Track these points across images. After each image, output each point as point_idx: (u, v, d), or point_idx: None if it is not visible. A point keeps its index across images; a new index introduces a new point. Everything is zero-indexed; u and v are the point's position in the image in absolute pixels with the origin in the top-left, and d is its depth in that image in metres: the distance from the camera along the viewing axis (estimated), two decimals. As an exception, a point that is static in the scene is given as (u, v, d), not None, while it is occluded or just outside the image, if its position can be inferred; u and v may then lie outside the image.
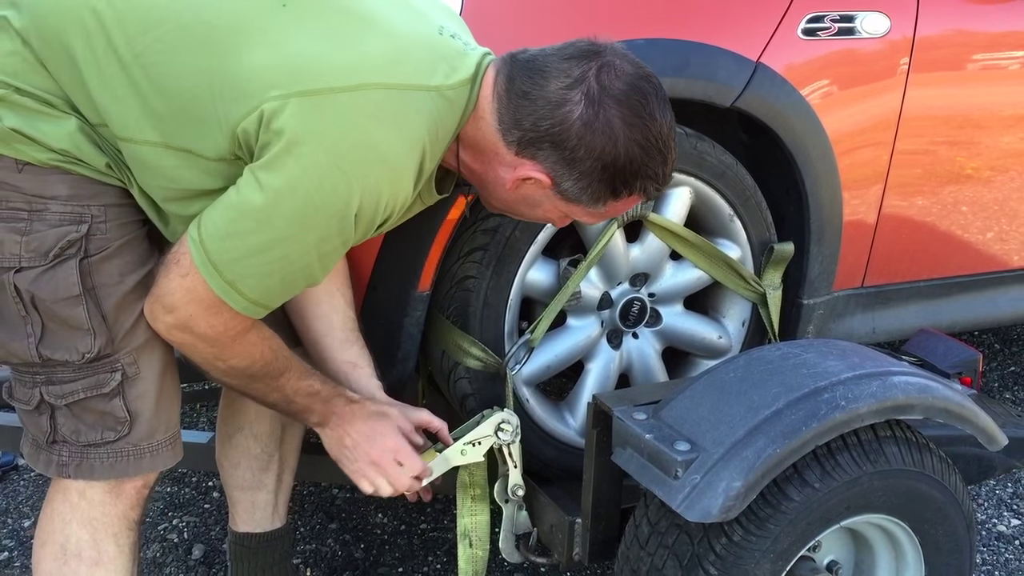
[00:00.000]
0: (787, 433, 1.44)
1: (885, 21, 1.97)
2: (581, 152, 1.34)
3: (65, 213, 1.34)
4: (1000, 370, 3.30)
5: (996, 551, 2.40)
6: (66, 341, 1.38)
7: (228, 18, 1.32)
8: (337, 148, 1.27)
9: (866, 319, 2.23)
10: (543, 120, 1.34)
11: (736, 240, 1.96)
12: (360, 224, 1.33)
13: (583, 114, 1.32)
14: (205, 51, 1.30)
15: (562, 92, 1.33)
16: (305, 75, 1.28)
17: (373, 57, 1.31)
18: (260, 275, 1.34)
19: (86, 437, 1.44)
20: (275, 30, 1.31)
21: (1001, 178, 2.25)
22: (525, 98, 1.35)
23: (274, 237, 1.31)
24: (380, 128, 1.29)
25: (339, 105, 1.27)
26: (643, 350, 1.96)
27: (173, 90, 1.31)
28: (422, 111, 1.33)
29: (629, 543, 1.60)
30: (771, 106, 1.85)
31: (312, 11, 1.34)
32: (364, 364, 1.70)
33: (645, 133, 1.35)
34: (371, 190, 1.30)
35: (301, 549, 2.34)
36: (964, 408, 1.59)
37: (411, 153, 1.33)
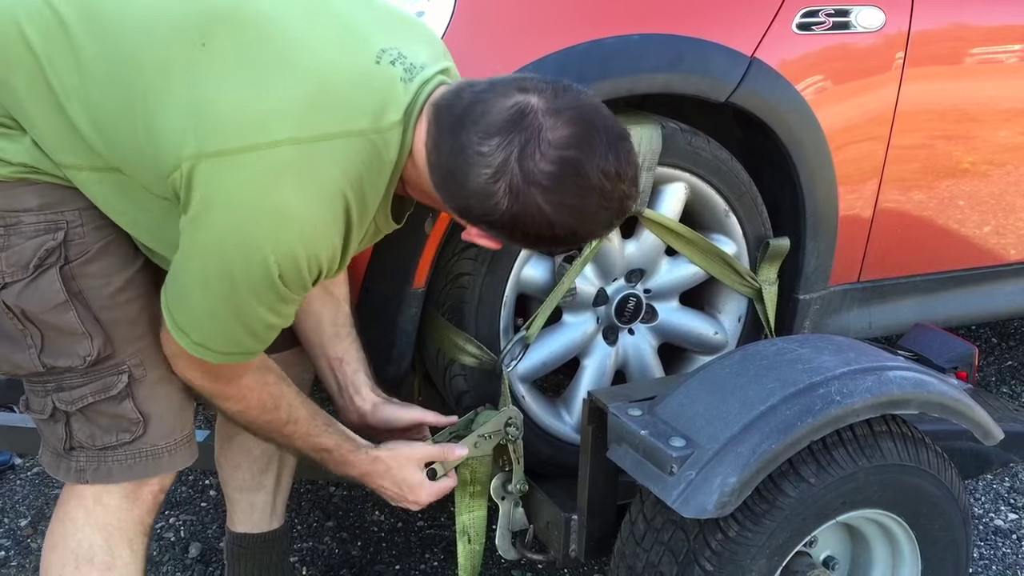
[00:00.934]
0: (782, 429, 1.44)
1: (880, 15, 1.96)
2: (517, 234, 1.30)
3: (40, 223, 1.34)
4: (997, 364, 3.30)
5: (993, 545, 2.40)
6: (66, 348, 1.38)
7: (153, 60, 1.28)
8: (245, 212, 1.24)
9: (862, 314, 2.22)
10: (473, 207, 1.27)
11: (732, 236, 1.95)
12: (291, 284, 1.30)
13: (510, 207, 1.25)
14: (132, 94, 1.28)
15: (486, 185, 1.24)
16: (215, 133, 1.24)
17: (286, 106, 1.25)
18: (222, 332, 1.34)
19: (102, 440, 1.43)
20: (195, 74, 1.26)
21: (998, 172, 2.25)
22: (452, 180, 1.28)
23: (216, 299, 1.31)
24: (288, 188, 1.24)
25: (246, 166, 1.23)
26: (639, 346, 1.96)
27: (113, 137, 1.30)
28: (340, 160, 1.27)
29: (625, 539, 1.60)
30: (766, 101, 1.85)
31: (230, 51, 1.28)
32: (352, 360, 1.70)
33: (581, 205, 1.26)
34: (285, 253, 1.26)
35: (298, 547, 2.34)
36: (959, 403, 1.59)
37: (327, 208, 1.27)
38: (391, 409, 1.71)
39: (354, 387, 1.71)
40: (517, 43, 1.69)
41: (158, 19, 1.31)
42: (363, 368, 1.72)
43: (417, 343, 1.83)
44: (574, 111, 1.25)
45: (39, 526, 2.42)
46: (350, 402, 1.72)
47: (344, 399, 1.72)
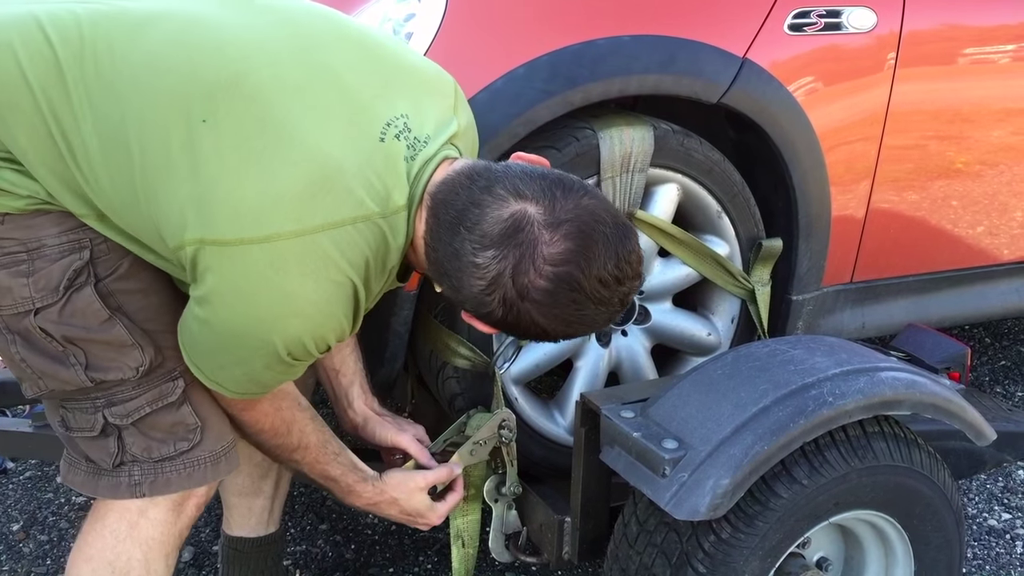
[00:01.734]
0: (775, 430, 1.43)
1: (872, 16, 1.96)
2: (510, 332, 1.34)
3: (63, 244, 1.31)
4: (991, 364, 3.30)
5: (987, 545, 2.40)
6: (115, 361, 1.36)
7: (151, 129, 1.24)
8: (251, 304, 1.25)
9: (855, 314, 2.22)
10: (468, 307, 1.31)
11: (724, 236, 1.95)
12: (299, 358, 1.32)
13: (505, 315, 1.27)
14: (131, 161, 1.25)
15: (479, 295, 1.26)
16: (218, 220, 1.22)
17: (288, 196, 1.22)
18: (233, 380, 1.36)
19: (159, 452, 1.41)
20: (193, 154, 1.23)
21: (991, 172, 2.25)
22: (448, 280, 1.29)
23: (227, 360, 1.33)
24: (293, 280, 1.23)
25: (251, 259, 1.22)
26: (632, 348, 1.96)
27: (108, 189, 1.28)
28: (346, 248, 1.25)
29: (618, 542, 1.60)
30: (758, 102, 1.85)
31: (231, 130, 1.23)
32: (348, 372, 1.71)
33: (577, 316, 1.28)
34: (292, 339, 1.28)
35: (291, 550, 2.33)
36: (952, 403, 1.59)
37: (333, 296, 1.27)
38: (379, 429, 1.72)
39: (347, 399, 1.72)
40: (508, 44, 1.69)
41: (158, 77, 1.26)
42: (358, 380, 1.72)
43: (410, 345, 1.82)
44: (573, 223, 1.23)
45: (31, 530, 2.41)
46: (344, 413, 1.74)
47: (339, 409, 1.74)
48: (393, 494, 1.62)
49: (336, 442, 1.58)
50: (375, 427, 1.72)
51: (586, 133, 1.74)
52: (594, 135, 1.74)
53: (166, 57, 1.27)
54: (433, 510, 1.67)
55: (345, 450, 1.60)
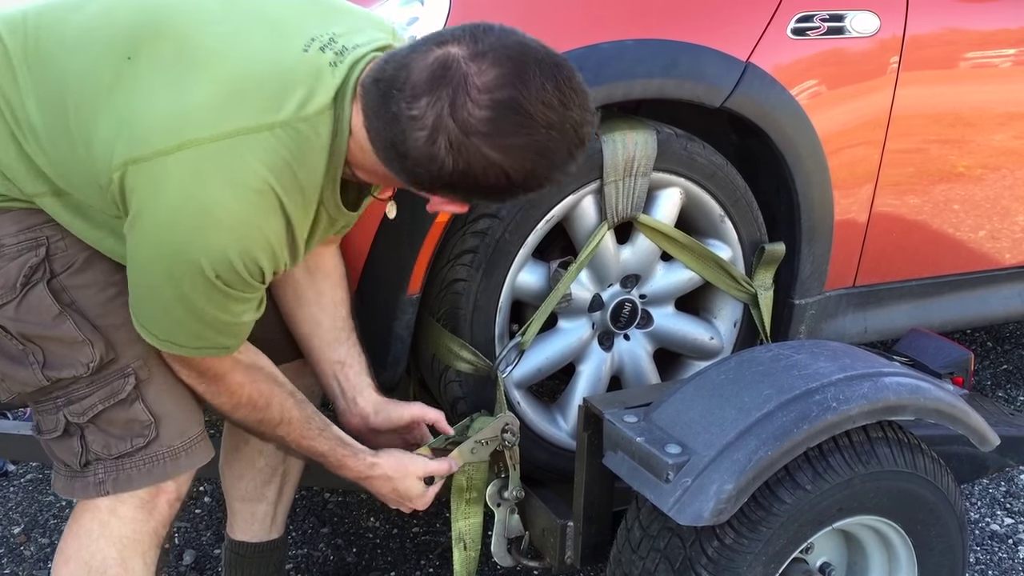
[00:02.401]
0: (778, 435, 1.43)
1: (875, 20, 1.96)
2: (474, 191, 1.26)
3: (20, 243, 1.36)
4: (993, 368, 3.30)
5: (990, 550, 2.40)
6: (67, 358, 1.38)
7: (82, 78, 1.29)
8: (170, 217, 1.24)
9: (858, 319, 2.22)
10: (423, 174, 1.25)
11: (727, 241, 1.95)
12: (232, 284, 1.29)
13: (455, 163, 1.21)
14: (67, 115, 1.29)
15: (426, 148, 1.21)
16: (137, 137, 1.24)
17: (201, 107, 1.24)
18: (183, 330, 1.35)
19: (117, 448, 1.43)
20: (119, 89, 1.27)
21: (992, 176, 2.25)
22: (393, 151, 1.25)
23: (167, 300, 1.31)
24: (210, 188, 1.23)
25: (167, 169, 1.23)
26: (634, 352, 1.95)
27: (57, 151, 1.31)
28: (262, 154, 1.24)
29: (621, 546, 1.59)
30: (761, 106, 1.85)
31: (153, 62, 1.28)
32: (353, 362, 1.69)
33: (529, 144, 1.22)
34: (216, 254, 1.25)
35: (293, 554, 2.33)
36: (955, 408, 1.59)
37: (254, 204, 1.25)
38: (393, 407, 1.70)
39: (356, 390, 1.70)
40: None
41: (88, 37, 1.32)
42: (365, 370, 1.71)
43: (412, 349, 1.82)
44: (499, 51, 1.20)
45: (32, 533, 2.40)
46: (352, 404, 1.71)
47: (346, 402, 1.71)
48: (389, 472, 1.61)
49: (320, 418, 1.57)
50: (390, 410, 1.69)
51: (589, 138, 1.74)
52: (597, 139, 1.73)
53: (96, 19, 1.34)
54: (423, 497, 1.65)
55: (331, 425, 1.58)
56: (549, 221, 1.76)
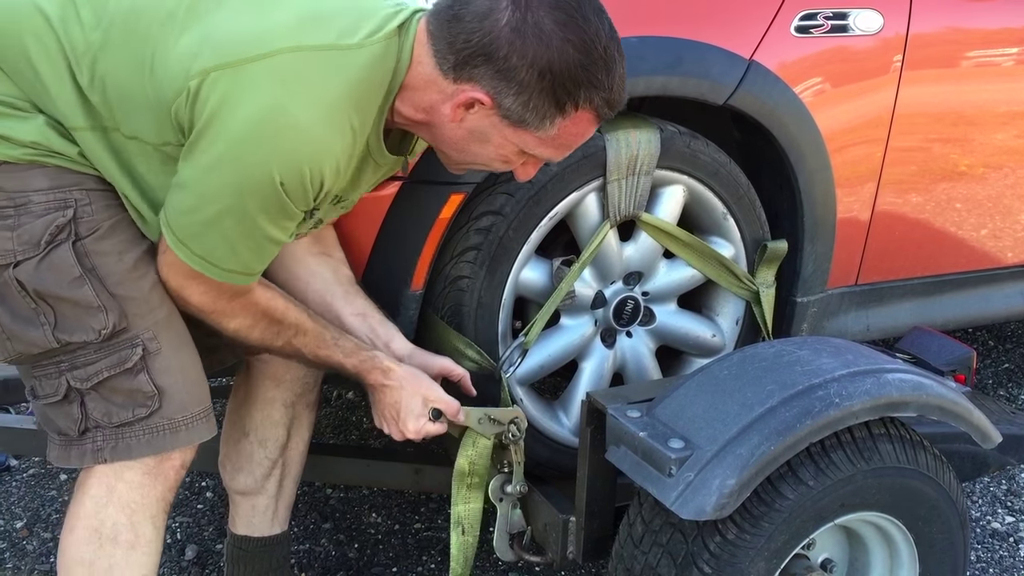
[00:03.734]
0: (781, 430, 1.44)
1: (878, 18, 1.97)
2: (514, 59, 1.29)
3: (49, 202, 1.38)
4: (994, 367, 3.30)
5: (990, 548, 2.40)
6: (80, 322, 1.40)
7: (155, 9, 1.36)
8: (249, 119, 1.28)
9: (860, 317, 2.22)
10: (473, 34, 1.30)
11: (730, 238, 1.95)
12: (293, 195, 1.33)
13: (510, 19, 1.28)
14: (140, 44, 1.35)
15: (488, 2, 1.29)
16: (222, 49, 1.30)
17: (288, 22, 1.32)
18: (225, 245, 1.37)
19: (118, 417, 1.44)
20: (200, 10, 1.34)
21: (995, 175, 2.25)
22: (454, 19, 1.32)
23: (219, 209, 1.33)
24: (292, 95, 1.29)
25: (251, 74, 1.28)
26: (637, 349, 1.96)
27: (117, 83, 1.36)
28: (340, 70, 1.32)
29: (623, 542, 1.60)
30: (764, 104, 1.85)
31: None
32: (374, 312, 1.70)
33: (580, 34, 1.29)
34: (289, 162, 1.30)
35: (295, 549, 2.34)
36: (958, 405, 1.59)
37: (330, 118, 1.31)
38: (425, 355, 1.70)
39: (388, 335, 1.70)
40: None
41: None
42: (385, 317, 1.71)
43: (415, 345, 1.82)
44: None
45: (34, 528, 2.41)
46: (386, 349, 1.69)
47: (381, 347, 1.69)
48: (402, 382, 1.60)
49: (335, 330, 1.59)
50: (423, 356, 1.69)
51: (592, 135, 1.74)
52: (600, 137, 1.74)
53: None
54: (417, 420, 1.62)
55: (345, 335, 1.60)
56: (552, 218, 1.76)
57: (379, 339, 1.69)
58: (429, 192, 1.67)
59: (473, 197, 1.71)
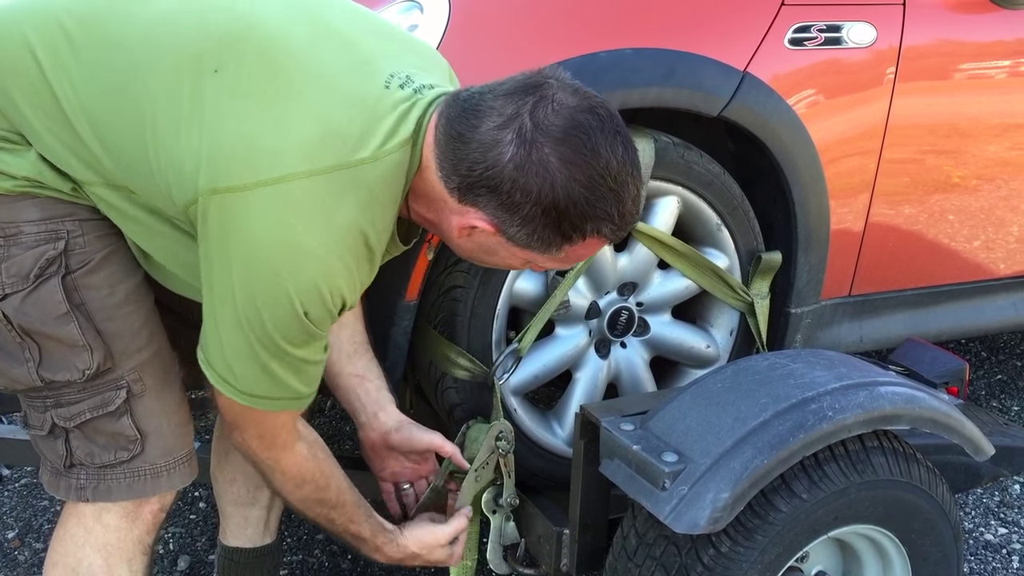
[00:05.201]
0: (774, 444, 1.44)
1: (871, 31, 1.97)
2: (517, 196, 1.24)
3: (40, 233, 1.33)
4: (987, 378, 3.31)
5: (983, 560, 2.40)
6: (65, 361, 1.36)
7: (161, 80, 1.27)
8: (263, 250, 1.23)
9: (853, 328, 2.23)
10: (476, 164, 1.24)
11: (724, 249, 1.96)
12: (316, 319, 1.28)
13: (514, 156, 1.21)
14: (140, 114, 1.27)
15: (494, 133, 1.22)
16: (228, 168, 1.23)
17: (299, 140, 1.24)
18: (263, 375, 1.32)
19: (100, 458, 1.42)
20: (207, 103, 1.25)
21: (988, 187, 2.26)
22: (460, 141, 1.25)
23: (249, 340, 1.28)
24: (305, 222, 1.23)
25: (263, 201, 1.22)
26: (631, 359, 1.96)
27: (119, 155, 1.30)
28: (355, 189, 1.26)
29: (617, 554, 1.60)
30: (758, 115, 1.86)
31: (243, 79, 1.26)
32: (373, 376, 1.69)
33: (587, 171, 1.23)
34: (307, 288, 1.25)
35: (288, 560, 2.33)
36: (951, 418, 1.59)
37: (346, 239, 1.26)
38: (414, 429, 1.70)
39: (378, 404, 1.69)
40: (511, 57, 1.70)
41: (165, 33, 1.30)
42: (385, 385, 1.71)
43: (409, 355, 1.82)
44: (590, 99, 1.26)
45: (26, 538, 2.40)
46: (374, 419, 1.69)
47: (367, 416, 1.69)
48: (415, 550, 1.65)
49: (365, 503, 1.60)
50: (411, 429, 1.69)
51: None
52: (595, 147, 1.74)
53: (176, 14, 1.32)
54: (451, 558, 1.70)
55: (373, 512, 1.61)
56: (547, 229, 1.76)
57: (371, 405, 1.68)
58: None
59: (467, 208, 1.71)
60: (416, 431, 1.70)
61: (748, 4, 1.87)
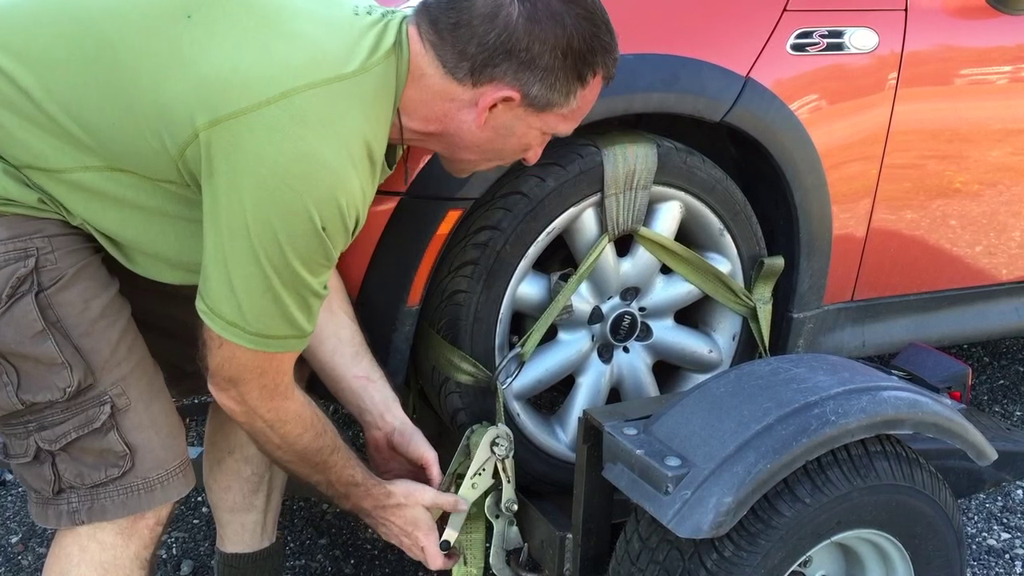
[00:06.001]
0: (778, 448, 1.44)
1: (873, 37, 1.98)
2: (536, 48, 1.30)
3: (8, 252, 1.31)
4: (990, 383, 3.31)
5: (986, 565, 2.40)
6: (44, 381, 1.34)
7: (134, 40, 1.27)
8: (277, 167, 1.22)
9: (856, 333, 2.23)
10: (487, 36, 1.29)
11: (726, 254, 1.96)
12: (334, 234, 1.29)
13: (522, 11, 1.29)
14: (118, 82, 1.26)
15: (491, 3, 1.29)
16: (229, 95, 1.23)
17: (290, 60, 1.26)
18: (276, 310, 1.30)
19: (91, 478, 1.39)
20: (186, 47, 1.26)
21: (989, 192, 2.26)
22: (458, 27, 1.30)
23: (266, 270, 1.26)
24: (314, 132, 1.24)
25: (268, 120, 1.22)
26: (634, 364, 1.96)
27: (96, 124, 1.29)
28: (353, 100, 1.28)
29: (620, 559, 1.60)
30: (760, 121, 1.86)
31: (219, 18, 1.28)
32: (376, 377, 1.69)
33: (584, 6, 1.32)
34: (326, 200, 1.25)
35: (291, 565, 2.33)
36: (953, 422, 1.59)
37: (354, 148, 1.28)
38: (415, 436, 1.70)
39: (384, 405, 1.69)
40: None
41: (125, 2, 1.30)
42: (388, 384, 1.71)
43: (412, 360, 1.82)
44: None
45: (30, 542, 2.40)
46: (379, 419, 1.69)
47: (374, 416, 1.69)
48: (399, 499, 1.62)
49: (351, 449, 1.58)
50: (411, 435, 1.69)
51: (590, 150, 1.75)
52: (598, 152, 1.75)
53: None
54: (431, 531, 1.66)
55: (359, 460, 1.60)
56: (550, 233, 1.77)
57: (377, 406, 1.68)
58: (427, 208, 1.67)
59: (471, 212, 1.72)
60: (415, 439, 1.70)
61: (751, 10, 1.87)
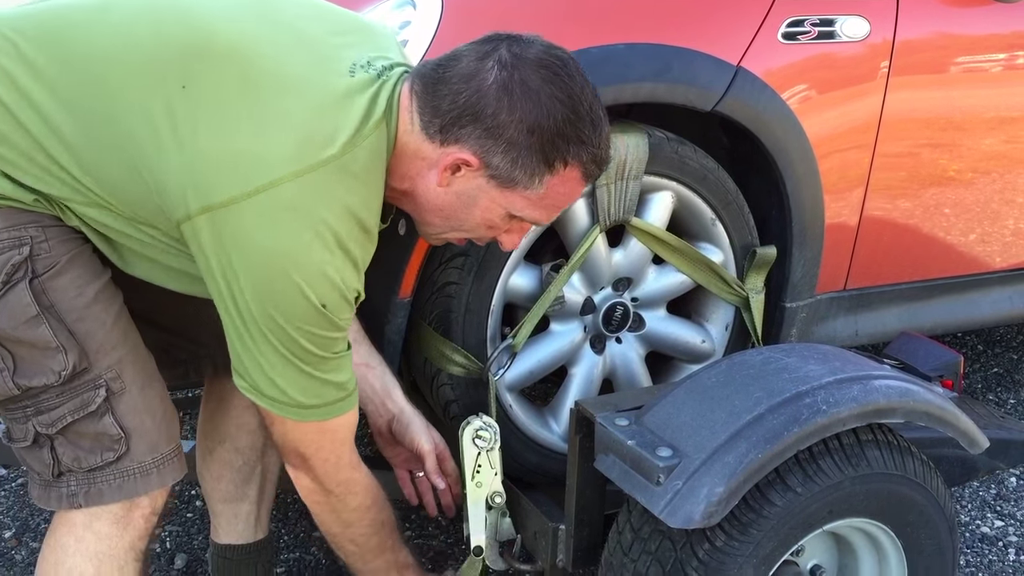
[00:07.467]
0: (769, 438, 1.44)
1: (865, 25, 1.97)
2: (502, 117, 1.28)
3: (3, 241, 1.32)
4: (983, 371, 3.31)
5: (980, 552, 2.40)
6: (39, 365, 1.35)
7: (130, 102, 1.28)
8: (267, 255, 1.25)
9: (849, 322, 2.23)
10: (459, 95, 1.29)
11: (719, 244, 1.96)
12: (335, 310, 1.31)
13: (497, 78, 1.28)
14: (119, 142, 1.28)
15: (473, 64, 1.29)
16: (220, 181, 1.24)
17: (281, 144, 1.26)
18: (310, 383, 1.35)
19: (87, 462, 1.41)
20: (180, 122, 1.26)
21: (983, 180, 2.26)
22: (439, 84, 1.31)
23: (280, 352, 1.31)
24: (301, 218, 1.25)
25: (255, 209, 1.24)
26: (626, 355, 1.96)
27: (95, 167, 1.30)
28: (339, 179, 1.28)
29: (612, 549, 1.60)
30: (752, 110, 1.85)
31: (212, 92, 1.28)
32: (375, 363, 1.70)
33: (566, 90, 1.29)
34: (319, 279, 1.27)
35: (285, 558, 2.33)
36: (945, 411, 1.59)
37: (342, 225, 1.29)
38: (412, 426, 1.72)
39: (385, 390, 1.71)
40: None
41: (128, 51, 1.30)
42: (388, 370, 1.72)
43: (404, 352, 1.82)
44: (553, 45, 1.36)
45: (23, 537, 2.40)
46: (381, 406, 1.71)
47: (376, 403, 1.71)
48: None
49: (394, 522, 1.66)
50: (408, 423, 1.71)
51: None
52: (589, 143, 1.74)
53: (133, 30, 1.32)
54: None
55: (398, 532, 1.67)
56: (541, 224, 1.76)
57: (378, 393, 1.70)
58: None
59: (461, 204, 1.71)
60: (411, 428, 1.71)
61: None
